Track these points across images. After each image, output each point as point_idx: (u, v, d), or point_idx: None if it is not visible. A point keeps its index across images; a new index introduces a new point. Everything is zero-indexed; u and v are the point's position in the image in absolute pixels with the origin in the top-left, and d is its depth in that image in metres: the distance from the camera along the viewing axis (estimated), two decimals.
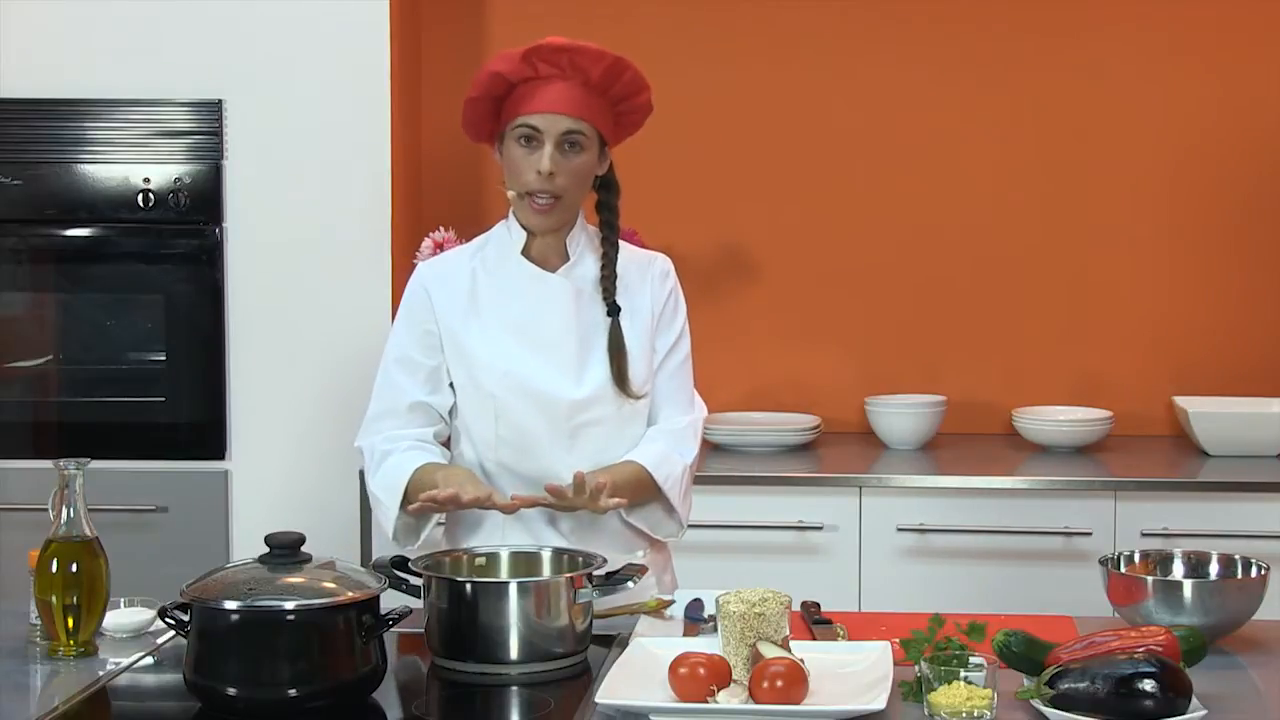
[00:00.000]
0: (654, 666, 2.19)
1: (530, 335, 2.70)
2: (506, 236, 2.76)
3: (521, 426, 2.69)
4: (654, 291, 2.79)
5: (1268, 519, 3.63)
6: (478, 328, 2.71)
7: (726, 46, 4.23)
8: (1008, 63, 4.17)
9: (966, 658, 2.13)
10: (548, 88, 2.66)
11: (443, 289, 2.75)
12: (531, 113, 2.65)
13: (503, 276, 2.73)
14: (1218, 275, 4.17)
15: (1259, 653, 2.40)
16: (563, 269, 2.73)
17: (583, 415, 2.69)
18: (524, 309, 2.71)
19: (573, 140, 2.65)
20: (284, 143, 3.95)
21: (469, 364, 2.71)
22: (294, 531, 2.25)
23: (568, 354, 2.69)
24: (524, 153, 2.66)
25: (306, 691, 2.13)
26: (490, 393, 2.69)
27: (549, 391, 2.68)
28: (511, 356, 2.69)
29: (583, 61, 2.67)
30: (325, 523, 3.79)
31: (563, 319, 2.70)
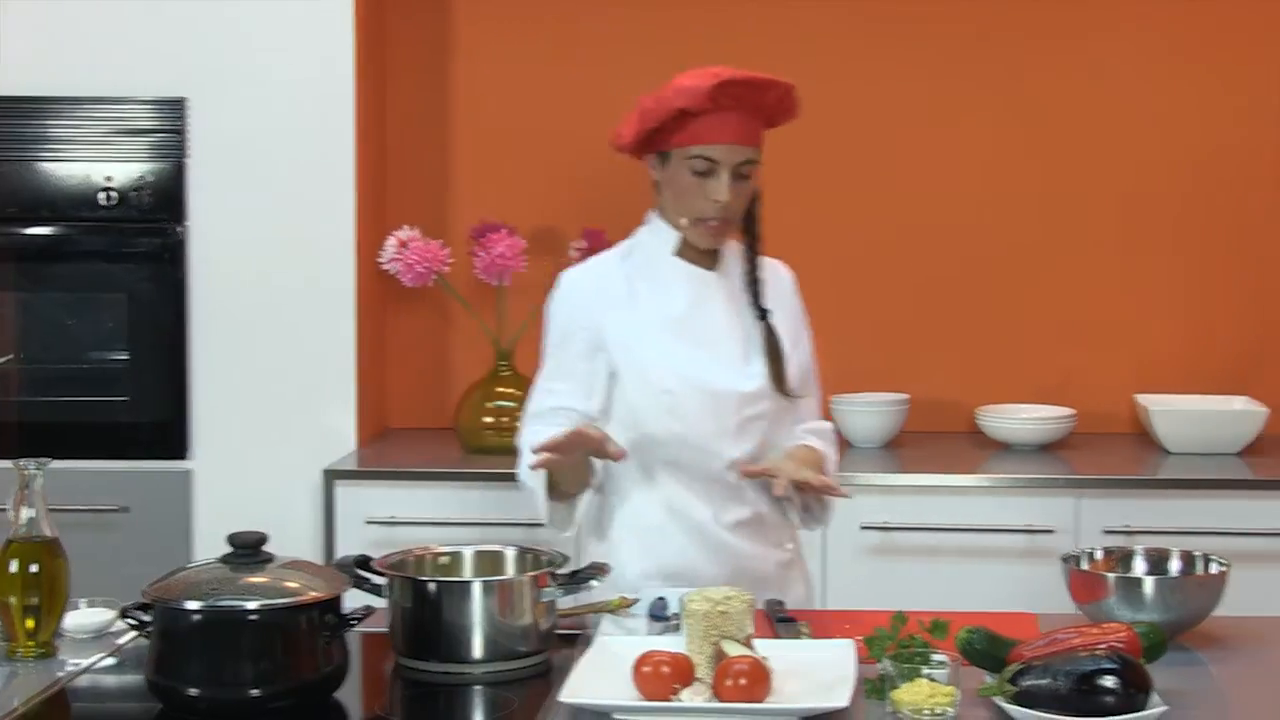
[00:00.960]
0: (618, 665, 2.19)
1: (693, 331, 2.75)
2: (655, 240, 2.80)
3: (693, 421, 2.72)
4: (792, 301, 2.87)
5: (1228, 516, 3.65)
6: (642, 326, 2.75)
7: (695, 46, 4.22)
8: (974, 66, 4.18)
9: (929, 655, 2.14)
10: (726, 120, 2.68)
11: (601, 294, 2.79)
12: (711, 144, 2.68)
13: (658, 277, 2.78)
14: (1179, 275, 4.20)
15: (1219, 649, 2.42)
16: (717, 269, 2.80)
17: (750, 409, 2.74)
18: (685, 306, 2.76)
19: (746, 168, 2.71)
20: (247, 141, 3.94)
21: (641, 363, 2.74)
22: (256, 531, 2.24)
23: (731, 348, 2.76)
24: (697, 181, 2.70)
25: (269, 691, 2.12)
26: (666, 389, 2.72)
27: (720, 386, 2.73)
28: (679, 353, 2.74)
29: (759, 93, 2.70)
30: (288, 522, 3.78)
31: (725, 314, 2.77)
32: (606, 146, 4.23)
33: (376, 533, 3.72)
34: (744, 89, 2.68)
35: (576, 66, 4.25)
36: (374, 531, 3.73)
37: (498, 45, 4.27)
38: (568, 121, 4.25)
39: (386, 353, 4.30)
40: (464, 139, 4.30)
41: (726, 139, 2.68)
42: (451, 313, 4.26)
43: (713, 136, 2.68)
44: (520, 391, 4.00)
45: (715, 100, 2.67)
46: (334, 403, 3.97)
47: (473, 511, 3.74)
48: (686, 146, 2.70)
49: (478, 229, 4.03)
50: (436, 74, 4.29)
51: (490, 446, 3.98)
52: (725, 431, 2.73)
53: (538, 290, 4.09)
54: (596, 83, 4.24)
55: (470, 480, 3.82)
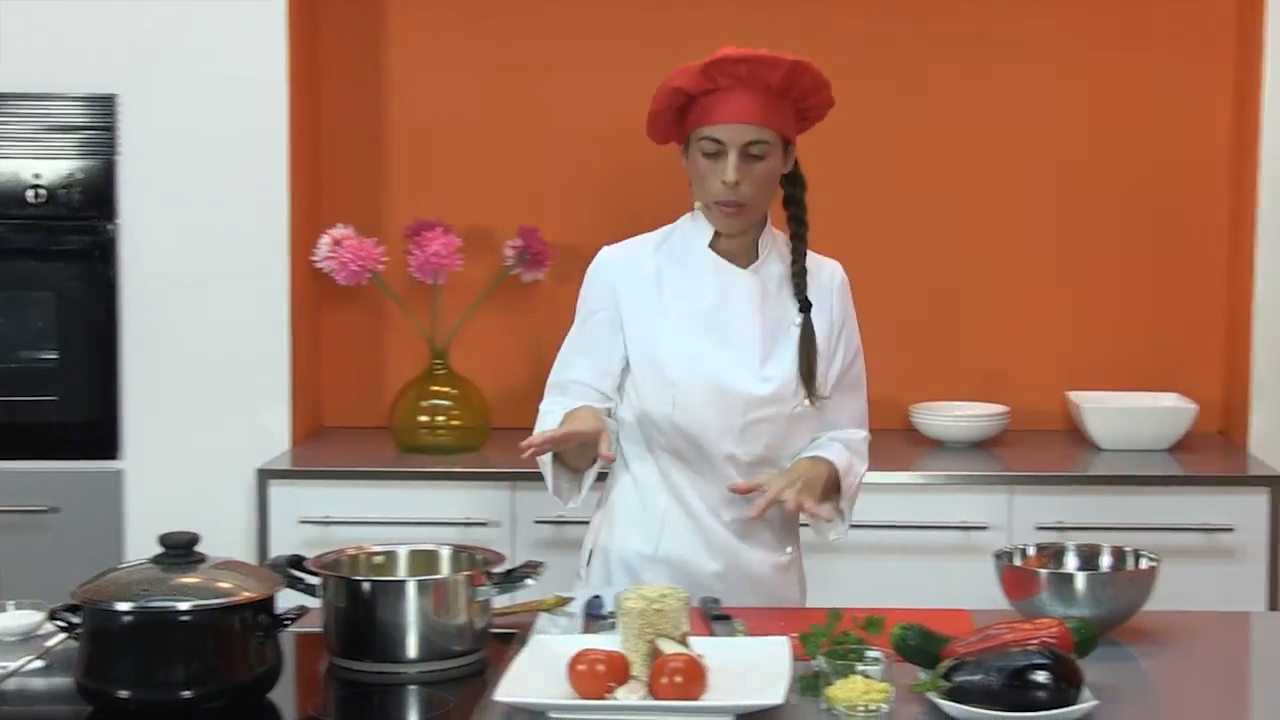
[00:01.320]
0: (553, 664, 2.18)
1: (714, 327, 2.73)
2: (693, 230, 2.77)
3: (696, 416, 2.71)
4: (835, 302, 2.82)
5: (1158, 512, 3.68)
6: (661, 315, 2.74)
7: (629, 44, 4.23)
8: (906, 68, 4.20)
9: (864, 652, 2.15)
10: (729, 99, 2.66)
11: (628, 275, 2.77)
12: (714, 124, 2.66)
13: (689, 268, 2.76)
14: (1110, 274, 4.23)
15: (1149, 643, 2.44)
16: (751, 266, 2.75)
17: (757, 412, 2.71)
18: (710, 301, 2.73)
19: (756, 149, 2.66)
20: (179, 138, 3.91)
21: (652, 350, 2.73)
22: (188, 531, 2.22)
23: (751, 349, 2.72)
24: (709, 164, 2.68)
25: (201, 693, 2.11)
26: (672, 380, 2.71)
27: (729, 385, 2.70)
28: (695, 346, 2.72)
29: (761, 70, 2.66)
30: (221, 522, 3.75)
31: (748, 314, 2.73)
32: (541, 144, 4.26)
33: (311, 532, 3.70)
34: (742, 66, 2.65)
35: (511, 64, 4.24)
36: (308, 531, 3.71)
37: (432, 42, 4.26)
38: (503, 119, 4.25)
39: (321, 351, 4.28)
40: (398, 137, 4.28)
41: (729, 119, 2.65)
42: (386, 311, 4.24)
43: (716, 117, 2.66)
44: (455, 390, 4.01)
45: (712, 79, 2.65)
46: (267, 402, 3.95)
47: (408, 511, 3.73)
48: (697, 129, 2.68)
49: (412, 227, 4.02)
50: (370, 71, 4.27)
51: (425, 445, 3.97)
52: (729, 431, 2.71)
53: (473, 289, 4.10)
54: (531, 80, 4.24)
55: (405, 479, 3.80)
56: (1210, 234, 4.19)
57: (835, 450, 2.77)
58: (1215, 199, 4.18)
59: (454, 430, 3.99)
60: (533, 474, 3.72)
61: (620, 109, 4.20)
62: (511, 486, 3.76)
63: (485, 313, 4.15)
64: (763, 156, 2.67)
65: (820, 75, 2.71)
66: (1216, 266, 4.19)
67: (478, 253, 4.13)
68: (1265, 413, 3.94)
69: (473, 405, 4.02)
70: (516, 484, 3.75)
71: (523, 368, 4.27)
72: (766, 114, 2.66)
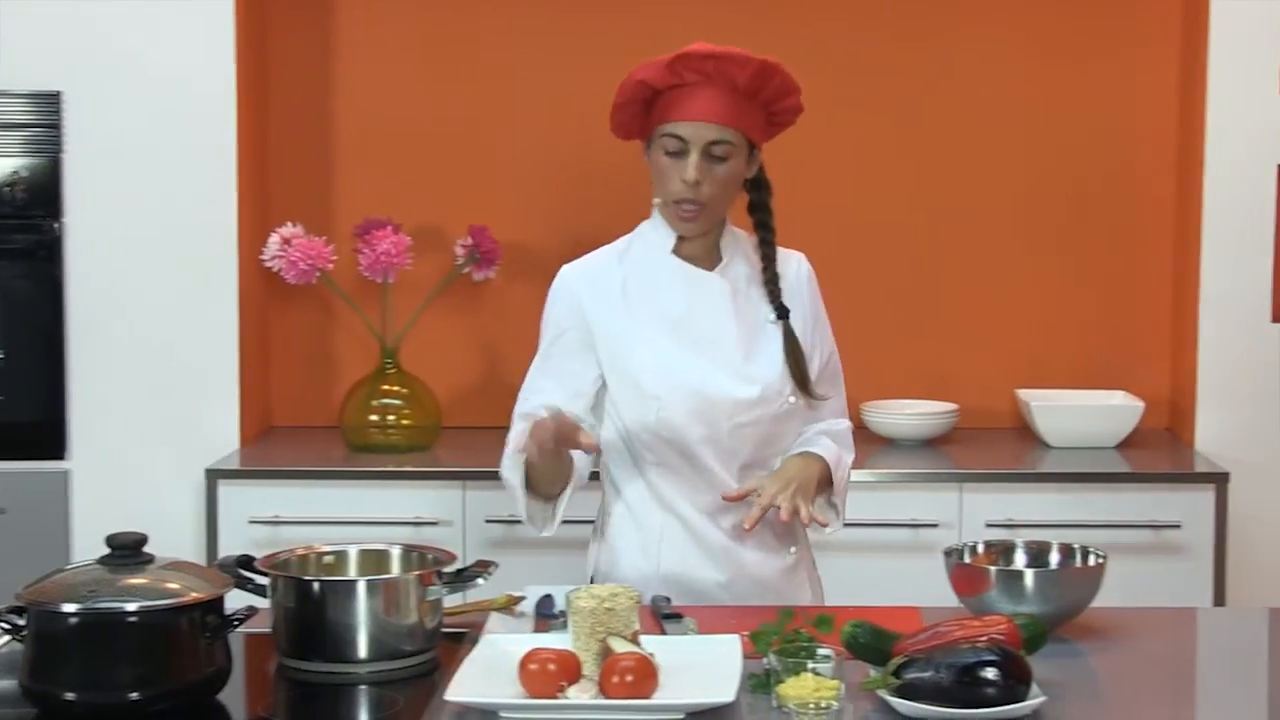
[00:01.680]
0: (504, 663, 2.18)
1: (689, 334, 2.67)
2: (654, 238, 2.71)
3: (682, 426, 2.65)
4: (806, 297, 2.78)
5: (1106, 509, 3.71)
6: (633, 328, 2.68)
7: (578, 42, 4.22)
8: (855, 64, 4.21)
9: (814, 649, 2.15)
10: (694, 95, 2.60)
11: (593, 291, 2.70)
12: (677, 121, 2.60)
13: (655, 276, 2.70)
14: (1059, 273, 4.26)
15: (1096, 640, 2.46)
16: (718, 269, 2.70)
17: (743, 415, 2.67)
18: (680, 308, 2.68)
19: (719, 149, 2.61)
20: (125, 136, 3.88)
21: (628, 365, 2.67)
22: (136, 532, 2.20)
23: (728, 353, 2.67)
24: (670, 162, 2.62)
25: (149, 694, 2.09)
26: (653, 394, 2.65)
27: (712, 392, 2.65)
28: (672, 357, 2.66)
29: (729, 68, 2.59)
30: (169, 523, 3.73)
31: (722, 317, 2.68)
32: (492, 142, 4.25)
33: (260, 532, 3.68)
34: (706, 61, 2.58)
35: (460, 61, 4.23)
36: (258, 531, 3.69)
37: (381, 39, 4.24)
38: (453, 117, 4.24)
39: (270, 350, 4.26)
40: (348, 135, 4.26)
41: (692, 116, 2.59)
42: (336, 310, 4.22)
43: (679, 113, 2.60)
44: (406, 389, 4.00)
45: (677, 74, 2.60)
46: (216, 401, 3.93)
47: (358, 510, 3.72)
48: (660, 125, 2.62)
49: (362, 226, 4.00)
50: (319, 68, 4.25)
51: (375, 445, 3.96)
52: (717, 437, 2.67)
53: (423, 287, 4.09)
54: (481, 78, 4.23)
55: (355, 479, 3.79)
56: (1157, 234, 4.22)
57: (823, 444, 2.74)
58: (1162, 200, 4.21)
59: (404, 429, 3.98)
60: (484, 473, 3.74)
61: (570, 107, 4.22)
62: (462, 486, 3.75)
63: (436, 311, 4.14)
64: (725, 157, 2.62)
65: (791, 79, 2.66)
66: (1163, 267, 4.22)
67: (428, 251, 4.12)
68: (1211, 410, 3.98)
69: (423, 404, 4.01)
70: (467, 483, 3.75)
71: (474, 366, 4.27)
72: (731, 113, 2.61)
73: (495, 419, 4.20)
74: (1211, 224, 3.96)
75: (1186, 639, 2.62)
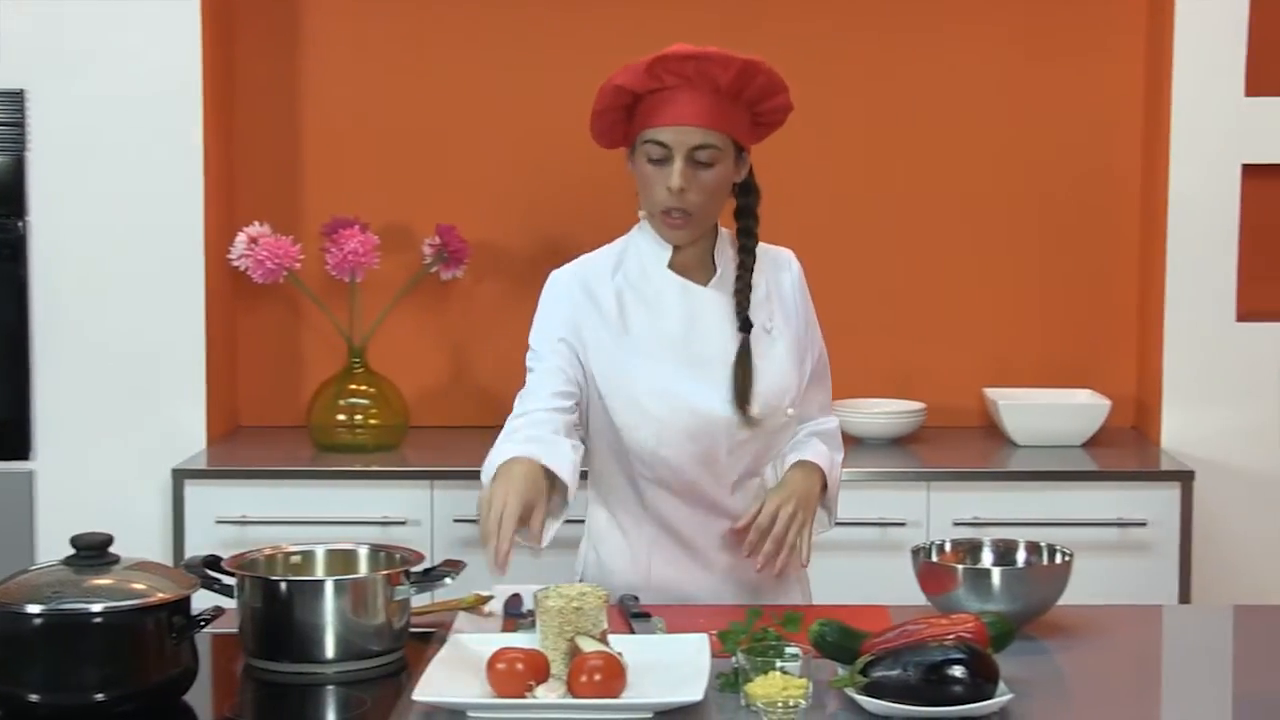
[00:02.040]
0: (472, 663, 2.18)
1: (687, 354, 2.61)
2: (648, 250, 2.64)
3: (681, 447, 2.61)
4: (792, 296, 2.72)
5: (1073, 507, 3.73)
6: (631, 349, 2.61)
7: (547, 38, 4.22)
8: (823, 62, 4.21)
9: (783, 648, 2.15)
10: (675, 99, 2.51)
11: (589, 305, 2.62)
12: (659, 126, 2.52)
13: (650, 294, 2.63)
14: (1026, 273, 4.27)
15: (1063, 637, 2.47)
16: (713, 282, 2.64)
17: (741, 434, 2.63)
18: (677, 326, 2.61)
19: (704, 154, 2.53)
20: (91, 134, 3.86)
21: (628, 388, 2.60)
22: (101, 532, 2.19)
23: (726, 372, 2.60)
24: (654, 170, 2.54)
25: (114, 695, 2.08)
26: (655, 417, 2.59)
27: (712, 413, 2.60)
28: (671, 378, 2.59)
29: (711, 69, 2.51)
30: (135, 523, 3.72)
31: (719, 335, 2.62)
32: (459, 141, 4.24)
33: (227, 532, 3.66)
34: (686, 62, 2.50)
35: (428, 60, 4.22)
36: (225, 531, 3.68)
37: (348, 38, 4.23)
38: (420, 116, 4.23)
39: (237, 350, 4.24)
40: (315, 133, 4.25)
41: (674, 120, 2.51)
42: (303, 310, 4.21)
43: (661, 118, 2.52)
44: (373, 389, 3.99)
45: (657, 77, 2.52)
46: (183, 401, 3.91)
47: (325, 510, 3.71)
48: (642, 131, 2.54)
49: (329, 225, 3.99)
50: (286, 67, 4.23)
51: (343, 444, 3.95)
52: (716, 456, 2.62)
53: (391, 287, 4.08)
54: (448, 77, 4.22)
55: (323, 478, 3.78)
56: (1123, 234, 4.24)
57: (815, 448, 2.70)
58: (1127, 200, 4.23)
59: (372, 429, 3.97)
60: (451, 472, 3.75)
61: (538, 105, 4.21)
62: (430, 485, 3.75)
63: (403, 311, 4.13)
64: (711, 163, 2.54)
65: (776, 77, 2.59)
66: (1129, 266, 4.24)
67: (395, 251, 4.11)
68: (1177, 409, 4.00)
69: (391, 404, 4.00)
70: (435, 483, 3.74)
71: (441, 366, 4.27)
72: (715, 116, 2.53)
73: (463, 418, 4.23)
74: (1177, 223, 3.98)
75: (1152, 636, 2.63)
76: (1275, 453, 3.97)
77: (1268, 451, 3.97)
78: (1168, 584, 3.72)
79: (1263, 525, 3.95)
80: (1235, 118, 3.94)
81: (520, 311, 4.19)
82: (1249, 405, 3.98)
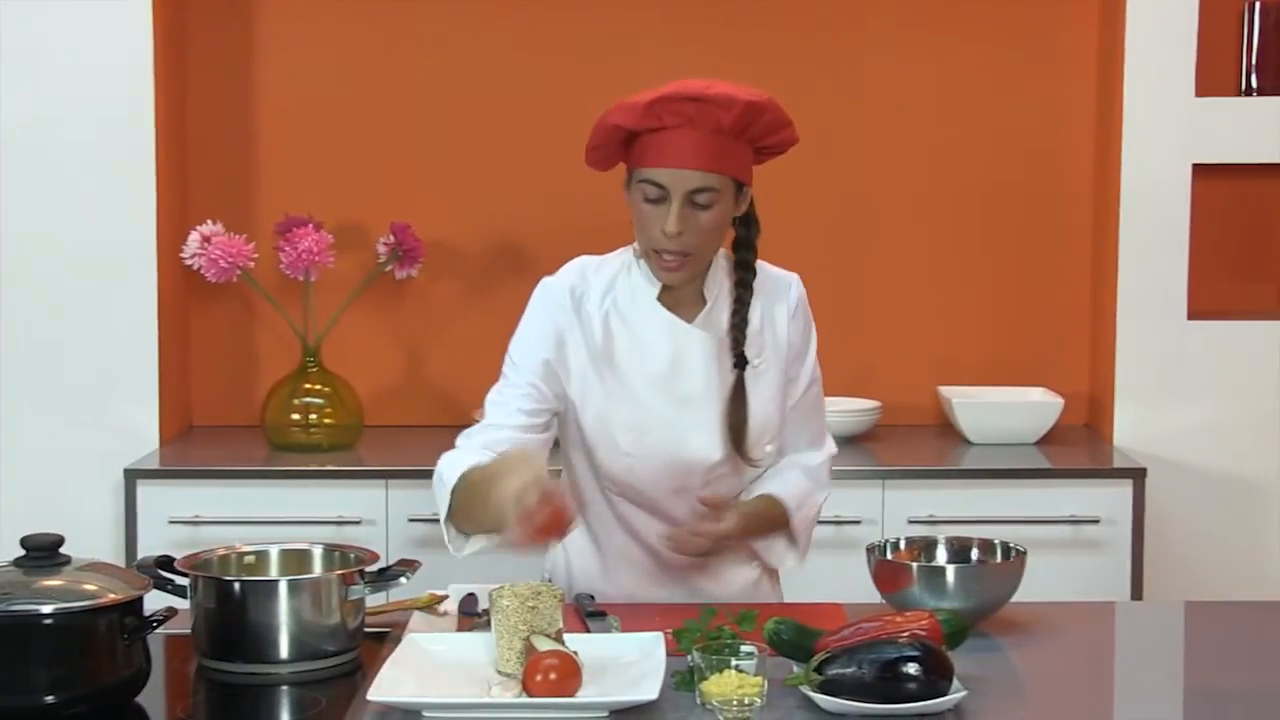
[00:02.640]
0: (427, 662, 2.17)
1: (669, 390, 2.57)
2: (638, 281, 2.58)
3: (653, 479, 2.59)
4: (792, 322, 2.67)
5: (1026, 504, 3.74)
6: (613, 378, 2.57)
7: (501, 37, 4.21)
8: (777, 60, 4.22)
9: (738, 646, 2.16)
10: (674, 140, 2.43)
11: (575, 325, 2.57)
12: (656, 167, 2.44)
13: (638, 325, 2.57)
14: (978, 271, 4.29)
15: (1017, 634, 2.48)
16: (700, 317, 2.58)
17: (717, 471, 2.61)
18: (662, 364, 2.56)
19: (702, 197, 2.45)
20: (40, 132, 3.84)
21: (605, 416, 2.57)
22: (52, 533, 2.18)
23: (708, 410, 2.57)
24: (650, 209, 2.46)
25: (65, 698, 2.06)
26: (626, 452, 2.57)
27: (687, 454, 2.58)
28: (650, 415, 2.56)
29: (713, 111, 2.43)
30: (87, 523, 3.70)
31: (703, 374, 2.57)
32: (413, 139, 4.23)
33: (180, 533, 3.64)
34: (691, 105, 2.42)
35: (381, 57, 4.21)
36: (178, 531, 3.65)
37: (301, 35, 4.21)
38: (374, 114, 4.21)
39: (190, 349, 4.22)
40: (268, 131, 4.22)
41: (673, 163, 2.43)
42: (257, 309, 4.19)
43: (658, 159, 2.44)
44: (328, 388, 3.97)
45: (657, 117, 2.44)
46: (135, 400, 3.89)
47: (279, 510, 3.69)
48: (638, 169, 2.47)
49: (283, 224, 3.97)
50: (239, 64, 4.21)
51: (297, 444, 3.93)
52: (688, 489, 2.60)
53: (345, 286, 4.07)
54: (402, 74, 4.21)
55: (277, 478, 3.76)
56: (1075, 232, 4.26)
57: (790, 481, 2.67)
58: (1080, 198, 4.25)
59: (326, 428, 3.95)
60: (406, 472, 3.73)
61: (493, 103, 4.21)
62: (385, 485, 3.73)
63: (358, 310, 4.11)
64: (710, 205, 2.46)
65: (781, 114, 2.52)
66: (1081, 264, 4.27)
67: (349, 249, 4.10)
68: (1129, 406, 4.02)
69: (345, 403, 3.99)
70: (390, 482, 3.73)
71: (396, 365, 4.25)
72: (716, 158, 2.45)
73: (418, 418, 4.22)
74: (1129, 222, 4.01)
75: (1105, 632, 2.65)
76: (1226, 450, 4.00)
77: (1219, 449, 4.00)
78: (1120, 580, 3.74)
79: (1213, 522, 3.99)
80: (1186, 118, 3.97)
81: (476, 310, 4.23)
82: (1200, 403, 4.01)
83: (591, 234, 2.89)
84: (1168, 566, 3.92)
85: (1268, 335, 4.01)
